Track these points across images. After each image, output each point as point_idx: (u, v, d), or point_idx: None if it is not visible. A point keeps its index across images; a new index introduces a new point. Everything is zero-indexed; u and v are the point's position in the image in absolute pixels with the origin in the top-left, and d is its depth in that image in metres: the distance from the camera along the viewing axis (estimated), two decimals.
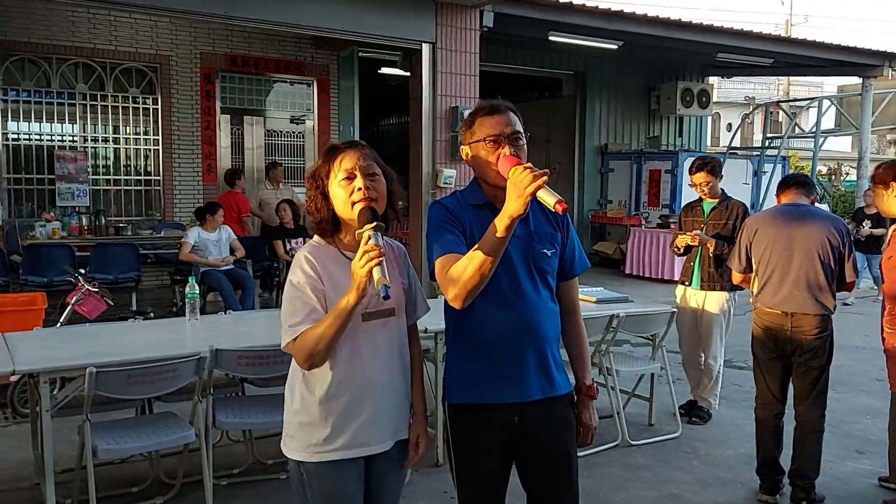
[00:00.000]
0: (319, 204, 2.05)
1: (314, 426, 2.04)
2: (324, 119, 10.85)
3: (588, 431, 2.34)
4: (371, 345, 2.05)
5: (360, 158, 2.03)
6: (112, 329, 4.16)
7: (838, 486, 4.03)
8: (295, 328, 1.96)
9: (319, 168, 2.07)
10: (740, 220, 4.84)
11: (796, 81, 29.68)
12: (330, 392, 2.02)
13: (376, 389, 2.06)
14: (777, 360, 3.80)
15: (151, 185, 9.95)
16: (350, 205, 1.99)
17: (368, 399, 2.05)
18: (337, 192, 2.02)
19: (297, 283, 1.99)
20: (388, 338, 2.10)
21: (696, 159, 5.10)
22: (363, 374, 2.04)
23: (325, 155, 2.08)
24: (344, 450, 2.04)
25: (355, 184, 2.00)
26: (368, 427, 2.06)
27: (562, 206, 1.83)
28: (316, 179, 2.07)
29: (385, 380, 2.08)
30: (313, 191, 2.07)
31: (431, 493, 3.80)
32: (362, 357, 2.04)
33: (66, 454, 3.87)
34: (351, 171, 2.01)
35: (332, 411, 2.03)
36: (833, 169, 27.22)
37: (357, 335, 2.01)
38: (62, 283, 6.56)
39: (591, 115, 13.40)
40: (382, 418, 2.08)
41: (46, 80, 9.19)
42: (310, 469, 2.05)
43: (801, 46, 11.61)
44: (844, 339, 7.51)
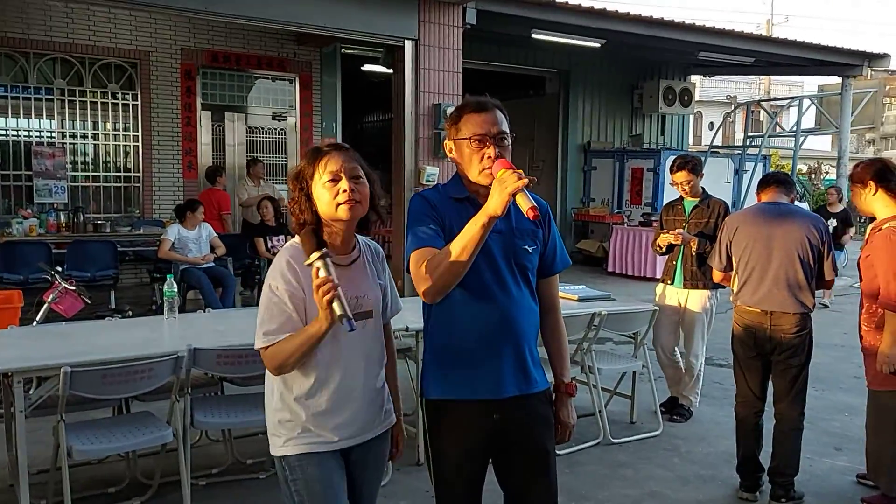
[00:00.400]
0: (303, 206, 2.06)
1: (293, 423, 2.07)
2: (306, 116, 10.79)
3: (566, 429, 2.33)
4: (351, 346, 2.08)
5: (345, 161, 2.05)
6: (89, 328, 4.10)
7: (816, 482, 4.06)
8: (269, 337, 2.00)
9: (303, 169, 2.08)
10: (721, 218, 4.86)
11: (777, 81, 29.94)
12: (309, 392, 2.06)
13: (356, 389, 2.10)
14: (757, 358, 3.82)
15: (131, 181, 9.84)
16: (335, 206, 2.01)
17: (348, 399, 2.08)
18: (321, 194, 2.03)
19: (277, 289, 2.01)
20: (368, 339, 2.13)
21: (676, 158, 5.12)
22: (342, 375, 2.07)
23: (310, 157, 2.09)
24: (324, 443, 2.08)
25: (340, 185, 2.02)
26: (347, 426, 2.09)
27: (533, 213, 1.89)
28: (300, 181, 2.07)
29: (364, 380, 2.12)
30: (297, 192, 2.08)
31: (413, 493, 3.78)
32: (342, 359, 2.07)
33: (41, 455, 3.80)
34: (336, 173, 2.02)
35: (310, 410, 2.06)
36: (813, 168, 27.47)
37: (338, 338, 2.03)
38: (39, 281, 6.47)
39: (575, 114, 13.44)
40: (361, 417, 2.12)
41: (24, 75, 9.06)
42: (291, 462, 2.07)
43: (782, 46, 11.71)
44: (823, 336, 7.57)
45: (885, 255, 3.47)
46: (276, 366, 2.01)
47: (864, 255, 3.63)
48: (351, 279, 2.08)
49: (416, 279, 2.02)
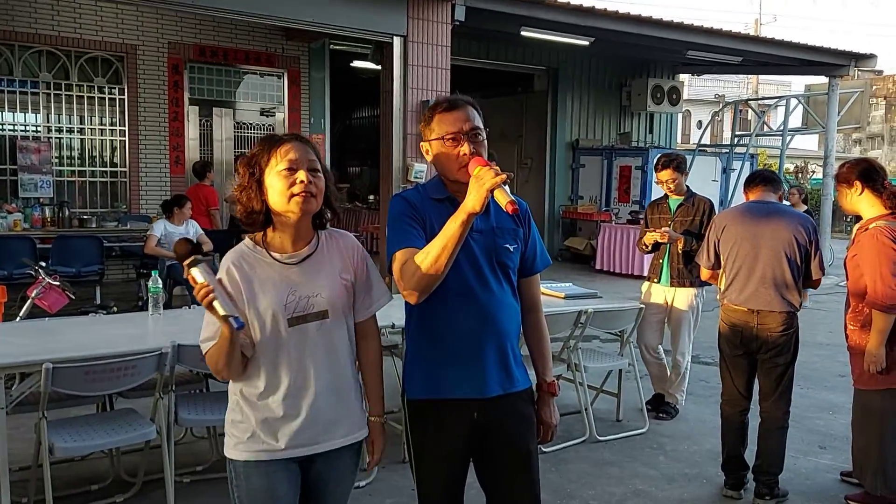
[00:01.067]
0: (253, 193, 1.96)
1: (243, 425, 2.01)
2: (294, 112, 10.74)
3: (548, 429, 2.33)
4: (301, 350, 1.98)
5: (304, 152, 1.97)
6: (72, 324, 4.06)
7: (801, 480, 4.09)
8: (204, 344, 1.95)
9: (258, 155, 1.97)
10: (707, 215, 4.91)
11: (765, 80, 30.08)
12: (257, 396, 1.99)
13: (309, 394, 2.00)
14: (743, 356, 3.83)
15: (118, 176, 9.77)
16: (288, 197, 1.92)
17: (300, 404, 1.99)
18: (274, 182, 1.94)
19: None
20: (325, 340, 2.02)
21: (661, 156, 5.13)
22: (293, 379, 1.98)
23: (267, 143, 1.99)
24: (271, 452, 1.99)
25: (297, 176, 1.93)
26: (302, 431, 2.00)
27: (512, 207, 1.88)
28: (252, 166, 1.97)
29: (322, 384, 2.01)
30: (247, 178, 1.97)
31: (398, 490, 3.78)
32: (290, 363, 1.98)
33: (23, 452, 3.77)
34: (294, 163, 1.94)
35: (259, 414, 1.99)
36: (800, 167, 27.65)
37: (283, 341, 1.97)
38: (23, 277, 6.41)
39: (563, 111, 13.45)
40: (319, 423, 2.02)
41: (9, 68, 8.96)
42: (238, 467, 2.01)
43: (770, 45, 11.75)
44: (808, 335, 7.62)
45: (871, 255, 3.49)
46: (214, 371, 1.97)
47: (851, 255, 3.65)
48: (300, 278, 1.99)
49: (398, 280, 2.02)
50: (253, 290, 1.95)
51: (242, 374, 1.99)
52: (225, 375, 1.97)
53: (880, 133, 36.09)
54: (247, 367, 1.99)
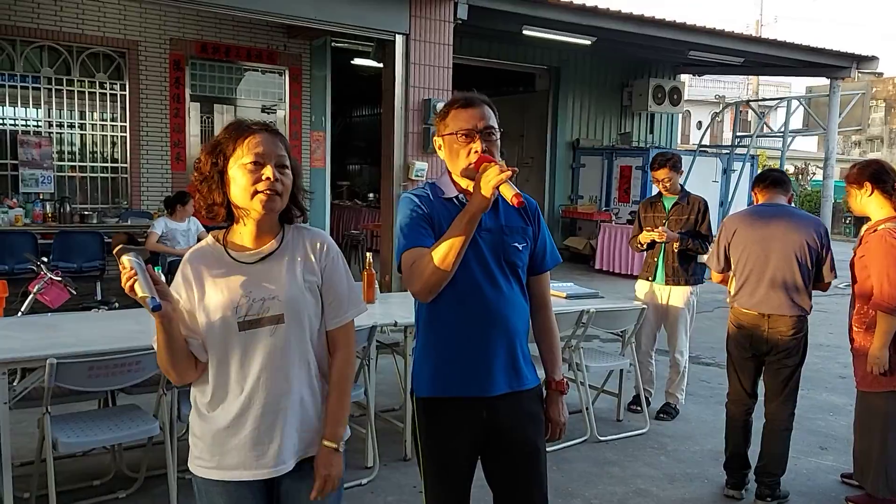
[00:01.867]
0: (214, 184, 1.80)
1: (197, 440, 1.89)
2: (295, 109, 10.74)
3: (557, 427, 2.33)
4: (248, 356, 1.82)
5: (273, 145, 1.81)
6: (75, 319, 4.06)
7: (802, 481, 4.09)
8: (153, 342, 1.83)
9: (223, 144, 1.81)
10: (701, 214, 4.96)
11: (765, 81, 30.10)
12: (206, 406, 1.86)
13: (256, 405, 1.82)
14: (752, 359, 3.83)
15: (118, 172, 9.76)
16: (251, 194, 1.78)
17: (246, 416, 1.82)
18: (237, 176, 1.79)
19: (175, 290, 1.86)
20: (279, 347, 1.83)
21: (657, 155, 5.14)
22: (241, 389, 1.82)
23: (233, 131, 1.82)
24: (220, 469, 1.85)
25: (264, 172, 1.78)
26: (251, 447, 1.83)
27: (517, 200, 1.88)
28: (215, 155, 1.81)
29: (272, 395, 1.83)
30: (209, 167, 1.80)
31: (400, 488, 3.78)
32: (235, 370, 1.82)
33: (25, 447, 3.78)
34: (261, 157, 1.78)
35: (210, 427, 1.85)
36: (800, 168, 27.69)
37: (230, 346, 1.81)
38: (24, 272, 6.40)
39: (564, 111, 13.45)
40: (268, 437, 1.84)
41: (10, 63, 8.95)
42: (199, 483, 1.90)
43: (772, 46, 11.76)
44: (810, 336, 7.63)
45: (879, 257, 3.48)
46: (164, 373, 1.87)
47: (859, 256, 3.65)
48: (256, 279, 1.83)
49: (407, 279, 2.02)
50: (204, 289, 1.83)
51: (193, 377, 1.86)
52: (173, 377, 1.83)
53: (880, 135, 36.14)
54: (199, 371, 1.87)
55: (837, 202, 20.23)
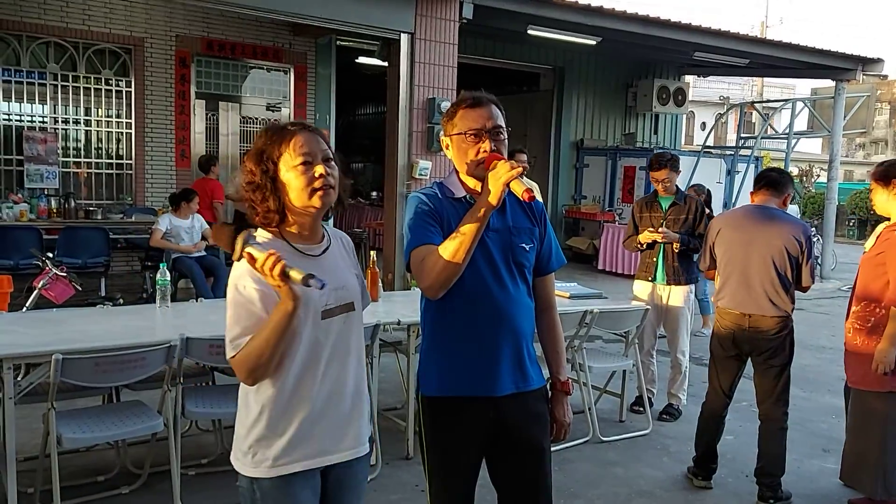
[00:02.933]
0: (267, 192, 1.82)
1: (272, 438, 1.85)
2: (300, 107, 10.73)
3: (561, 427, 2.34)
4: (333, 344, 1.88)
5: (317, 142, 1.86)
6: (80, 315, 4.07)
7: (804, 484, 4.10)
8: (237, 341, 1.78)
9: (269, 149, 1.84)
10: (699, 213, 4.98)
11: (770, 83, 30.08)
12: (291, 398, 1.84)
13: (341, 392, 1.90)
14: (734, 358, 3.91)
15: (123, 168, 9.77)
16: (309, 193, 1.82)
17: (333, 403, 1.89)
18: (291, 179, 1.82)
19: (244, 288, 1.79)
20: (350, 335, 1.93)
21: (656, 156, 5.15)
22: (327, 376, 1.87)
23: (274, 136, 1.85)
24: (304, 460, 1.86)
25: (315, 170, 1.82)
26: (332, 433, 1.89)
27: (528, 195, 1.89)
28: (264, 163, 1.83)
29: (349, 381, 1.92)
30: (261, 177, 1.83)
31: (403, 487, 3.79)
32: (324, 358, 1.86)
33: (30, 442, 3.80)
34: (309, 155, 1.82)
35: (292, 419, 1.84)
36: (804, 170, 27.66)
37: (317, 336, 1.85)
38: (29, 267, 6.43)
39: (568, 110, 13.44)
40: (346, 423, 1.92)
41: (16, 59, 8.96)
42: (264, 486, 1.85)
43: (777, 48, 11.73)
44: (810, 338, 7.64)
45: None
46: (249, 371, 1.77)
47: (875, 253, 3.64)
48: (328, 269, 1.87)
49: (418, 276, 2.03)
50: None
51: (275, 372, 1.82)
52: (262, 374, 1.78)
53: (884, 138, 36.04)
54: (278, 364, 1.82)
55: (841, 204, 20.22)
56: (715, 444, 4.01)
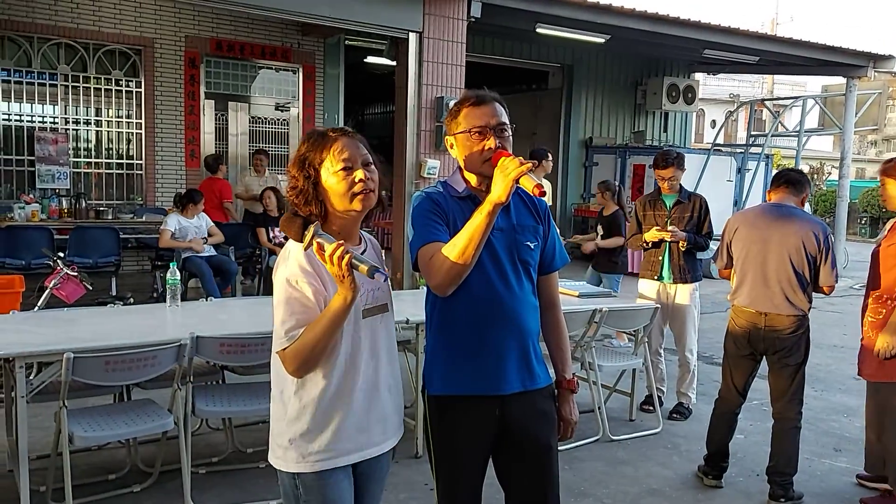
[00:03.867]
0: (310, 196, 1.89)
1: (315, 434, 1.89)
2: (308, 107, 10.77)
3: (568, 426, 2.33)
4: (371, 342, 1.96)
5: (357, 147, 1.92)
6: (91, 314, 4.10)
7: (816, 483, 4.07)
8: (291, 333, 1.82)
9: (310, 156, 1.91)
10: (704, 211, 4.97)
11: (780, 80, 29.90)
12: (336, 394, 1.89)
13: (377, 389, 1.97)
14: (748, 357, 3.88)
15: (133, 169, 9.83)
16: (350, 197, 1.88)
17: (371, 400, 1.96)
18: (332, 184, 1.88)
19: (297, 282, 1.83)
20: (386, 334, 2.02)
21: (662, 154, 5.11)
22: (366, 373, 1.94)
23: (316, 142, 1.92)
24: (345, 455, 1.93)
25: (355, 175, 1.88)
26: (370, 429, 1.96)
27: (539, 190, 1.89)
28: (306, 168, 1.90)
29: (385, 378, 2.00)
30: (303, 181, 1.89)
31: (412, 485, 3.79)
32: (363, 356, 1.93)
33: (41, 440, 3.82)
34: (349, 161, 1.89)
35: (334, 416, 1.90)
36: (816, 168, 27.49)
37: (358, 333, 1.92)
38: (40, 267, 6.48)
39: (577, 109, 13.42)
40: (382, 419, 1.99)
41: (27, 60, 9.03)
42: (307, 481, 1.90)
43: (787, 45, 11.67)
44: (823, 337, 7.59)
45: None
46: (300, 363, 1.82)
47: (888, 244, 3.62)
48: None
49: (426, 274, 2.03)
50: (325, 282, 1.85)
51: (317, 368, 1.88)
52: (313, 365, 1.84)
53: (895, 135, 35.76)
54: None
55: (853, 202, 20.09)
56: (727, 443, 3.99)
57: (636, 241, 5.15)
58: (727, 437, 3.99)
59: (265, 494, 3.56)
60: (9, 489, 3.45)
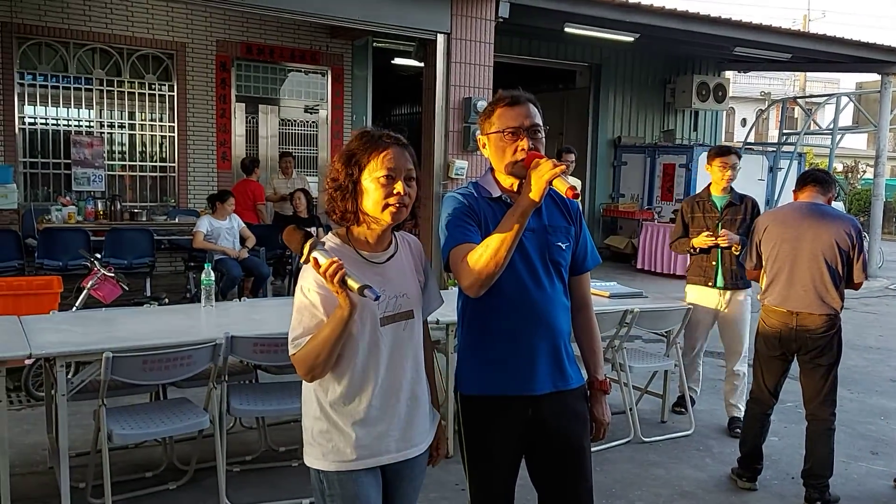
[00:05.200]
0: (348, 194, 1.91)
1: (333, 433, 1.94)
2: (337, 109, 10.84)
3: (601, 426, 2.33)
4: (390, 349, 1.96)
5: (404, 159, 1.93)
6: (128, 314, 4.17)
7: (852, 486, 4.01)
8: (298, 341, 1.87)
9: (359, 155, 1.91)
10: (755, 213, 4.70)
11: (813, 78, 29.45)
12: (348, 399, 1.93)
13: (397, 395, 1.98)
14: (780, 357, 3.84)
15: (166, 171, 9.98)
16: (382, 207, 1.89)
17: (390, 406, 1.97)
18: (370, 188, 1.90)
19: (308, 291, 1.87)
20: (409, 341, 2.01)
21: (720, 146, 4.90)
22: (383, 380, 1.95)
23: (368, 144, 1.93)
24: (362, 459, 1.95)
25: (395, 187, 1.89)
26: (387, 435, 1.97)
27: (572, 192, 1.89)
28: (351, 166, 1.91)
29: (407, 385, 2.00)
30: (345, 179, 1.91)
31: (443, 486, 3.80)
32: (381, 363, 1.94)
33: (80, 438, 3.90)
34: (393, 171, 1.89)
35: (350, 419, 1.93)
36: (850, 166, 26.99)
37: (377, 341, 1.93)
38: (77, 268, 6.60)
39: (605, 108, 13.33)
40: (404, 425, 2.00)
41: (63, 65, 9.21)
42: (330, 478, 1.95)
43: (820, 42, 11.48)
44: (858, 338, 7.47)
45: None
46: (306, 370, 1.87)
47: None
48: (388, 277, 1.96)
49: (458, 275, 2.03)
50: None
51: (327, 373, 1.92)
52: (319, 373, 1.88)
53: None
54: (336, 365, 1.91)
55: (889, 200, 19.70)
56: (760, 444, 3.95)
57: (683, 246, 4.87)
58: (760, 439, 3.95)
59: (298, 493, 3.60)
60: (50, 485, 3.53)
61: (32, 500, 3.50)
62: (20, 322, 3.62)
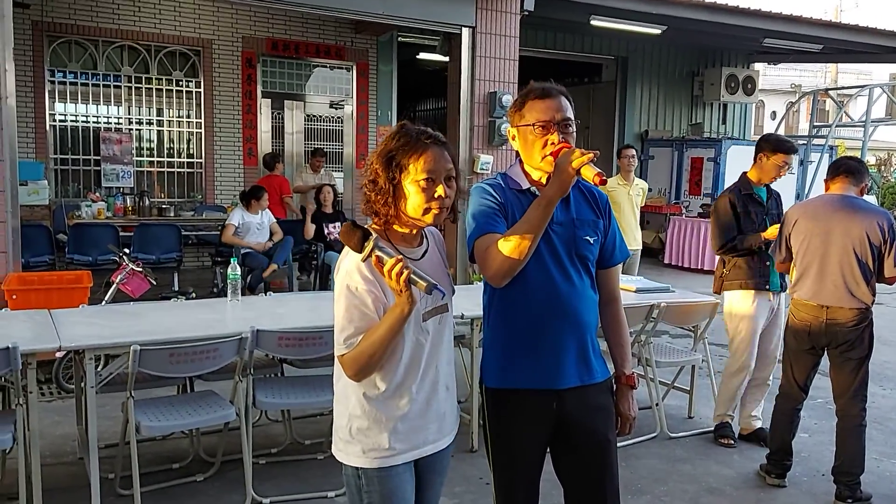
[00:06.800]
0: (389, 197, 1.87)
1: (373, 430, 1.93)
2: (362, 104, 10.87)
3: (627, 421, 2.30)
4: (432, 343, 1.97)
5: (444, 160, 1.89)
6: (155, 308, 4.21)
7: (885, 484, 3.94)
8: (350, 340, 1.85)
9: (399, 157, 1.87)
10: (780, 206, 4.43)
11: (845, 69, 28.87)
12: (392, 395, 1.92)
13: (435, 388, 1.99)
14: (809, 351, 3.79)
15: (194, 167, 10.08)
16: (423, 210, 1.87)
17: (432, 399, 1.98)
18: (411, 192, 1.87)
19: (356, 289, 1.84)
20: (445, 334, 2.02)
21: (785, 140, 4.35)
22: (425, 373, 1.96)
23: (409, 145, 1.88)
24: (406, 453, 1.95)
25: (436, 190, 1.87)
26: (430, 427, 1.99)
27: (600, 178, 1.88)
28: (391, 170, 1.86)
29: (443, 377, 2.02)
30: (385, 182, 1.87)
31: (467, 480, 3.80)
32: (423, 357, 1.95)
33: (109, 430, 3.95)
34: (433, 173, 1.86)
35: (393, 414, 1.93)
36: (883, 159, 26.46)
37: (419, 335, 1.94)
38: (106, 262, 6.69)
39: (632, 101, 13.20)
40: (441, 417, 2.02)
41: (93, 63, 9.34)
42: (370, 475, 1.93)
43: (852, 32, 11.27)
44: (890, 333, 7.32)
45: None
46: (357, 369, 1.85)
47: None
48: (424, 272, 1.88)
49: (482, 264, 2.03)
50: (385, 290, 1.85)
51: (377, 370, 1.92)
52: (369, 373, 1.87)
53: None
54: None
55: None
56: (790, 440, 3.89)
57: (753, 240, 4.22)
58: (790, 434, 3.89)
59: (323, 485, 3.62)
60: (80, 476, 3.59)
61: (63, 490, 3.55)
62: (51, 316, 3.68)
